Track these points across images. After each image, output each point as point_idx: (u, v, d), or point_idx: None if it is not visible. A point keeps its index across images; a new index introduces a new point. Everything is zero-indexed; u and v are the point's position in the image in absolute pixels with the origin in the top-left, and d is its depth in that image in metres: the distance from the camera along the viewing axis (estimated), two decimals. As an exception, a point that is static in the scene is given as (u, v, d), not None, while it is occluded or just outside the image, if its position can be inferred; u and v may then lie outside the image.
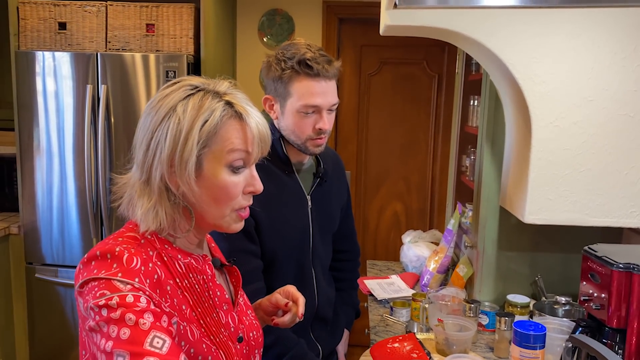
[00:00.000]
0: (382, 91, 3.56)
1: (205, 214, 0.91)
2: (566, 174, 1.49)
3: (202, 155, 0.86)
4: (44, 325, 2.87)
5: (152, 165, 0.87)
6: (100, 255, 0.83)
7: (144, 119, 0.89)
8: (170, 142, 0.85)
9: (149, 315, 0.79)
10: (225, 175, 0.88)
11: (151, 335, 0.77)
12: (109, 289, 0.79)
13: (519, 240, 1.82)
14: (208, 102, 0.87)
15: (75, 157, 2.75)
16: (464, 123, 2.39)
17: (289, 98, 1.36)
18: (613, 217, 1.50)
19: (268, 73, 1.37)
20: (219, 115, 0.87)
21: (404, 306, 1.89)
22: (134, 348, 0.75)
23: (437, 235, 2.52)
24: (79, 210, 2.79)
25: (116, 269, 0.81)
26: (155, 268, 0.86)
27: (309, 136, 1.38)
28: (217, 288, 0.97)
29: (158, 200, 0.88)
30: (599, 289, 1.26)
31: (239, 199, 0.91)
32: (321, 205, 1.52)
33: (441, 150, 3.55)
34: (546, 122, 1.48)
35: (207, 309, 0.93)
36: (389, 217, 3.71)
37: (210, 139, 0.86)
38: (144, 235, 0.88)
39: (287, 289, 1.17)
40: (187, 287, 0.91)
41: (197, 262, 0.94)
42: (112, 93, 2.69)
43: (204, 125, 0.86)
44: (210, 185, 0.88)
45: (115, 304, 0.77)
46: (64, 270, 2.82)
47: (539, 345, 1.23)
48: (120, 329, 0.76)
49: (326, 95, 1.35)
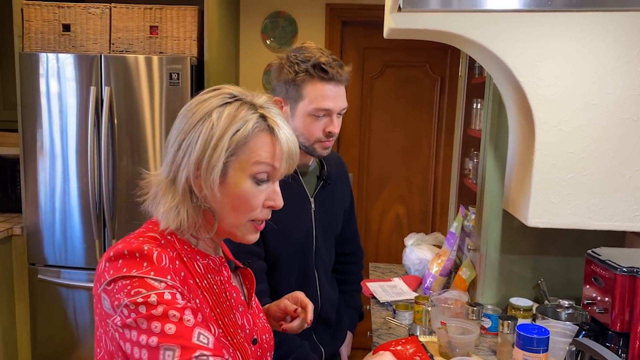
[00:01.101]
0: (385, 94, 3.57)
1: (223, 220, 0.92)
2: (569, 177, 1.49)
3: (229, 163, 0.88)
4: (46, 326, 2.87)
5: (180, 165, 0.89)
6: (128, 253, 0.84)
7: (179, 120, 0.91)
8: (200, 145, 0.87)
9: (189, 312, 0.82)
10: (248, 185, 0.90)
11: (196, 331, 0.80)
12: (144, 287, 0.81)
13: (522, 244, 1.82)
14: (243, 112, 0.89)
15: (78, 158, 2.76)
16: (466, 126, 2.39)
17: (300, 101, 1.37)
18: (616, 221, 1.49)
19: (280, 75, 1.38)
20: (252, 126, 0.88)
21: (406, 309, 1.89)
22: (183, 342, 0.77)
23: (439, 238, 2.52)
24: (82, 212, 2.79)
25: (147, 267, 0.83)
26: (182, 267, 0.88)
27: (318, 139, 1.40)
28: (233, 290, 0.99)
29: (181, 200, 0.89)
30: (603, 292, 1.26)
31: (258, 211, 0.93)
32: (324, 208, 1.52)
33: (444, 153, 3.55)
34: (550, 125, 1.48)
35: (225, 310, 0.94)
36: (391, 220, 3.71)
37: (239, 148, 0.88)
38: (164, 236, 0.90)
39: (296, 295, 1.18)
40: (207, 287, 0.92)
41: (214, 264, 0.96)
42: (116, 95, 2.70)
43: (235, 134, 0.87)
44: (231, 193, 0.90)
45: (155, 301, 0.79)
46: (66, 272, 2.83)
47: (542, 348, 1.23)
48: (164, 324, 0.78)
49: (337, 99, 1.38)
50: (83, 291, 2.80)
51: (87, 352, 2.85)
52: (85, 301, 2.80)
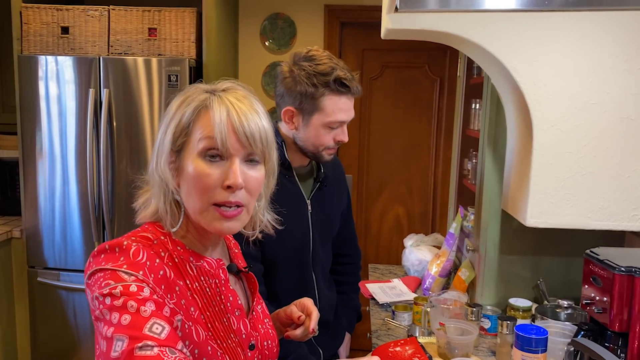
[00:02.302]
0: (384, 95, 3.57)
1: (188, 208, 0.92)
2: (568, 177, 1.49)
3: (182, 147, 0.91)
4: (46, 329, 2.87)
5: (152, 159, 0.93)
6: (109, 248, 0.85)
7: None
8: (159, 134, 0.92)
9: (150, 303, 0.81)
10: (199, 164, 0.89)
11: (151, 321, 0.79)
12: (113, 279, 0.81)
13: (521, 244, 1.81)
14: (194, 96, 0.92)
15: (78, 160, 2.76)
16: (465, 126, 2.39)
17: (316, 113, 1.38)
18: (615, 221, 1.49)
19: (295, 86, 1.37)
20: (194, 106, 0.90)
21: (405, 310, 1.89)
22: (133, 332, 0.77)
23: (438, 239, 2.52)
24: (81, 214, 2.79)
25: (122, 261, 0.83)
26: (162, 266, 0.87)
27: (327, 147, 1.43)
28: (230, 293, 0.97)
29: (153, 193, 0.93)
30: (601, 292, 1.26)
31: (216, 192, 0.88)
32: (321, 210, 1.52)
33: (443, 153, 3.55)
34: (547, 125, 1.48)
35: (217, 314, 0.93)
36: (390, 221, 3.71)
37: (186, 130, 0.90)
38: (157, 236, 0.90)
39: (304, 302, 1.16)
40: (198, 289, 0.91)
41: (210, 266, 0.95)
42: (115, 97, 2.70)
43: (182, 118, 0.90)
44: (188, 176, 0.90)
45: (118, 292, 0.79)
46: (65, 274, 2.82)
47: (540, 349, 1.22)
48: (121, 315, 0.78)
49: (350, 110, 1.44)
50: (83, 294, 2.79)
51: (87, 354, 2.85)
52: (85, 304, 2.79)
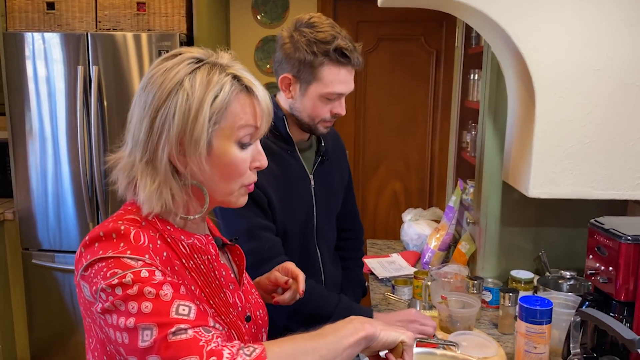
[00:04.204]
0: (380, 68, 3.51)
1: (214, 192, 0.88)
2: (571, 146, 1.46)
3: (213, 132, 0.83)
4: (42, 311, 2.85)
5: (159, 144, 0.82)
6: (104, 235, 0.80)
7: (143, 95, 0.84)
8: (179, 119, 0.81)
9: (167, 286, 0.77)
10: (234, 152, 0.86)
11: (175, 304, 0.76)
12: (119, 267, 0.76)
13: (522, 216, 1.79)
14: (216, 76, 0.83)
15: (69, 140, 2.70)
16: (464, 98, 2.35)
17: (314, 83, 1.33)
18: (619, 190, 1.46)
19: (294, 52, 1.32)
20: (229, 89, 0.83)
21: (405, 284, 1.87)
22: (160, 319, 0.73)
23: (437, 213, 2.50)
24: (75, 195, 2.75)
25: (124, 247, 0.78)
26: (164, 247, 0.84)
27: (324, 119, 1.38)
28: (222, 268, 0.95)
29: (163, 181, 0.84)
30: (606, 262, 1.24)
31: (248, 174, 0.89)
32: (324, 184, 1.49)
33: (440, 127, 3.51)
34: (550, 93, 1.44)
35: (215, 290, 0.91)
36: (388, 197, 3.68)
37: (220, 115, 0.83)
38: (145, 218, 0.85)
39: (286, 266, 1.15)
40: (194, 267, 0.88)
41: (200, 243, 0.92)
42: (104, 74, 2.63)
43: (215, 101, 0.82)
44: (219, 163, 0.85)
45: (130, 280, 0.75)
46: (61, 256, 2.79)
47: (545, 320, 1.20)
48: (140, 303, 0.74)
49: (349, 83, 1.37)
50: (79, 275, 2.76)
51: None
52: (81, 285, 2.76)
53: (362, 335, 0.81)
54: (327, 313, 1.31)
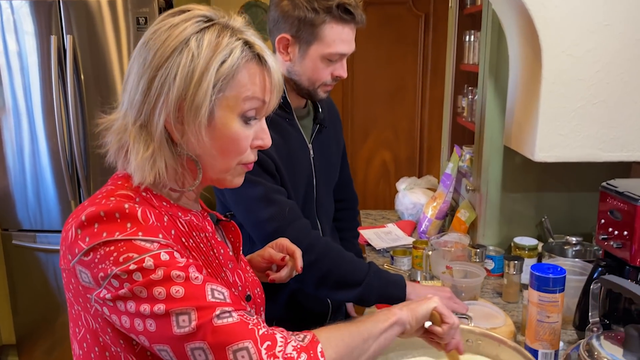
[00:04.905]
0: (367, 35, 3.39)
1: (210, 167, 0.80)
2: (579, 106, 1.39)
3: (216, 101, 0.74)
4: (26, 292, 2.75)
5: (155, 107, 0.74)
6: (105, 215, 0.70)
7: (144, 51, 0.75)
8: (180, 82, 0.72)
9: (194, 269, 0.71)
10: (237, 125, 0.77)
11: (208, 288, 0.70)
12: (133, 250, 0.68)
13: (524, 181, 1.73)
14: (226, 39, 0.74)
15: (45, 115, 2.57)
16: (458, 62, 2.26)
17: (315, 42, 1.23)
18: (628, 151, 1.41)
19: (292, 10, 1.22)
20: (239, 56, 0.74)
21: (404, 254, 1.82)
22: (198, 302, 0.67)
23: (432, 181, 2.44)
24: (54, 172, 2.62)
25: (133, 228, 0.70)
26: (170, 224, 0.76)
27: (324, 82, 1.29)
28: (220, 245, 0.87)
29: (157, 149, 0.75)
30: (620, 226, 1.19)
31: (247, 153, 0.81)
32: (322, 154, 1.41)
33: (430, 94, 3.43)
34: (558, 51, 1.37)
35: (216, 269, 0.83)
36: (377, 167, 3.62)
37: (226, 83, 0.74)
38: (138, 193, 0.77)
39: (281, 242, 1.08)
40: (194, 246, 0.80)
41: (197, 219, 0.84)
42: (79, 44, 2.49)
43: (222, 66, 0.73)
44: (219, 136, 0.77)
45: (152, 265, 0.68)
46: (42, 236, 2.69)
47: (558, 288, 1.15)
48: (169, 288, 0.67)
49: (352, 42, 1.28)
50: (62, 255, 2.67)
51: (72, 316, 2.76)
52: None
53: (394, 320, 0.82)
54: (358, 278, 1.25)
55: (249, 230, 1.27)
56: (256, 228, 1.25)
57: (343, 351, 0.73)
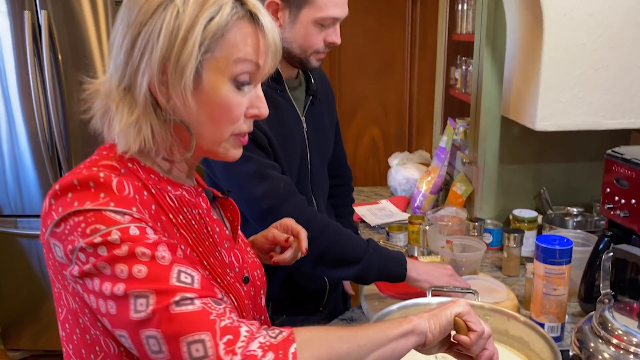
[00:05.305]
0: (353, 9, 3.24)
1: (200, 136, 0.73)
2: (581, 72, 1.35)
3: (203, 62, 0.68)
4: (10, 280, 2.68)
5: (138, 68, 0.68)
6: (79, 184, 0.65)
7: (128, 9, 0.69)
8: (164, 40, 0.66)
9: (163, 247, 0.65)
10: (228, 90, 0.71)
11: (175, 269, 0.63)
12: (101, 222, 0.62)
13: (522, 152, 1.69)
14: None
15: (22, 96, 2.46)
16: (450, 32, 2.20)
17: (305, 6, 1.17)
18: (631, 118, 1.38)
19: None
20: (229, 12, 0.68)
21: (400, 230, 1.78)
22: (158, 285, 0.61)
23: (424, 156, 2.40)
24: (34, 156, 2.53)
25: (105, 198, 0.64)
26: (150, 199, 0.70)
27: (317, 50, 1.22)
28: (215, 223, 0.81)
29: (142, 114, 0.69)
30: (627, 194, 1.15)
31: (241, 122, 0.74)
32: (316, 128, 1.35)
33: (418, 67, 3.37)
34: (559, 14, 1.32)
35: (209, 248, 0.77)
36: (366, 143, 3.56)
37: (215, 42, 0.68)
38: (124, 164, 0.70)
39: (285, 222, 1.03)
40: (183, 223, 0.74)
41: (189, 195, 0.78)
42: (55, 20, 2.37)
43: (210, 23, 0.67)
44: (208, 101, 0.70)
45: (117, 238, 0.62)
46: (24, 221, 2.60)
47: (565, 260, 1.12)
48: (131, 266, 0.61)
49: (345, 5, 1.22)
50: (46, 240, 2.59)
51: (58, 303, 2.69)
52: (49, 251, 2.60)
53: (409, 328, 0.70)
54: (357, 255, 1.20)
55: (242, 208, 1.21)
56: (249, 205, 1.19)
57: (324, 356, 0.63)
